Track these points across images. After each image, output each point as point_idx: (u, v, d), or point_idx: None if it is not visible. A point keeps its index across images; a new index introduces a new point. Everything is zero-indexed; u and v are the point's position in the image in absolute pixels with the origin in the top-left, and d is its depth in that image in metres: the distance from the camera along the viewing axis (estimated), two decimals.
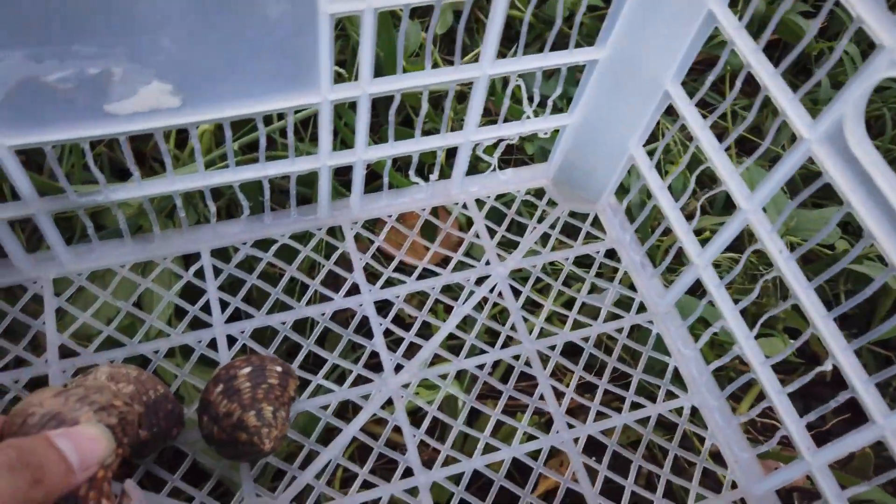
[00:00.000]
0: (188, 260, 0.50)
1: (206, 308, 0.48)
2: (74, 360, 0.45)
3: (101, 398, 0.33)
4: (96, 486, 0.30)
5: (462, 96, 0.62)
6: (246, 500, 0.42)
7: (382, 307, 0.51)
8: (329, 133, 0.45)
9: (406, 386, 0.47)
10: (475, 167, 0.57)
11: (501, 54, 0.46)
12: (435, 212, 0.56)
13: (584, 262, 0.55)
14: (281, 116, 0.55)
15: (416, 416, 0.48)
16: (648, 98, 0.47)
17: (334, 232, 0.53)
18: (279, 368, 0.42)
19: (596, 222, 0.56)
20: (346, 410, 0.48)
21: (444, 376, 0.48)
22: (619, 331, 0.51)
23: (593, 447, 0.47)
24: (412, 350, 0.49)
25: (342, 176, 0.55)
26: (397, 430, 0.46)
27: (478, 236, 0.54)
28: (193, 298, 0.48)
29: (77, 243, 0.49)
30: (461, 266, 0.53)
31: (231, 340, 0.47)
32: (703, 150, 0.44)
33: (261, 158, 0.45)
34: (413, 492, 0.44)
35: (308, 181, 0.54)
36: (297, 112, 0.44)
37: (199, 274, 0.49)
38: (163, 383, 0.41)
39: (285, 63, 0.39)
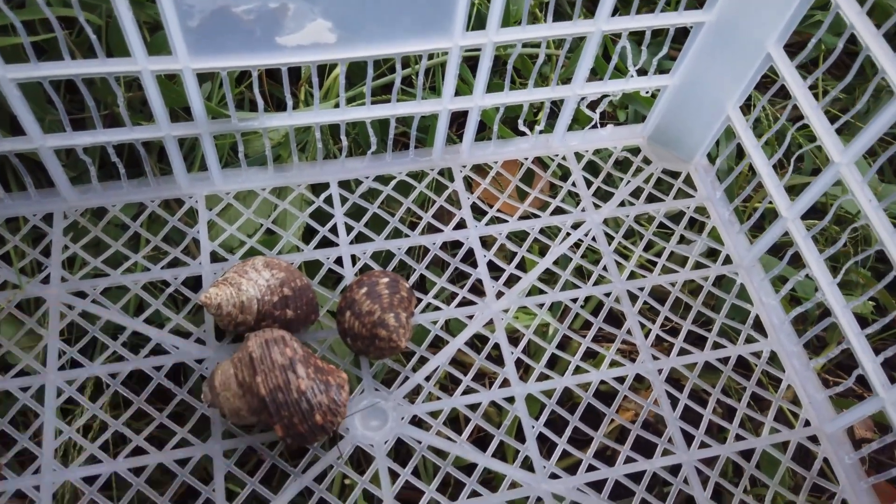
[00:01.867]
0: (317, 189, 0.57)
1: (333, 230, 0.54)
2: (223, 265, 0.52)
3: None
4: None
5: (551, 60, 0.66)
6: (366, 391, 0.48)
7: (485, 242, 0.56)
8: (454, 77, 0.50)
9: (506, 311, 0.52)
10: (570, 127, 0.61)
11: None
12: (536, 161, 0.60)
13: (674, 216, 0.59)
14: (406, 64, 0.61)
15: (512, 337, 0.53)
16: (750, 61, 0.51)
17: (444, 173, 0.59)
18: (407, 285, 0.48)
19: (687, 181, 0.60)
20: (452, 327, 0.53)
21: (540, 305, 0.53)
22: (705, 279, 0.55)
23: (674, 384, 0.51)
24: (511, 281, 0.54)
25: (451, 128, 0.60)
26: (496, 347, 0.51)
27: (574, 185, 0.59)
28: (322, 221, 0.55)
29: (225, 167, 0.55)
30: (558, 211, 0.58)
31: (353, 259, 0.53)
32: (802, 108, 0.47)
33: (393, 98, 0.51)
34: (510, 400, 0.49)
35: (422, 128, 0.59)
36: (430, 58, 0.49)
37: (328, 201, 0.56)
38: (305, 277, 0.47)
39: (427, 10, 0.45)
